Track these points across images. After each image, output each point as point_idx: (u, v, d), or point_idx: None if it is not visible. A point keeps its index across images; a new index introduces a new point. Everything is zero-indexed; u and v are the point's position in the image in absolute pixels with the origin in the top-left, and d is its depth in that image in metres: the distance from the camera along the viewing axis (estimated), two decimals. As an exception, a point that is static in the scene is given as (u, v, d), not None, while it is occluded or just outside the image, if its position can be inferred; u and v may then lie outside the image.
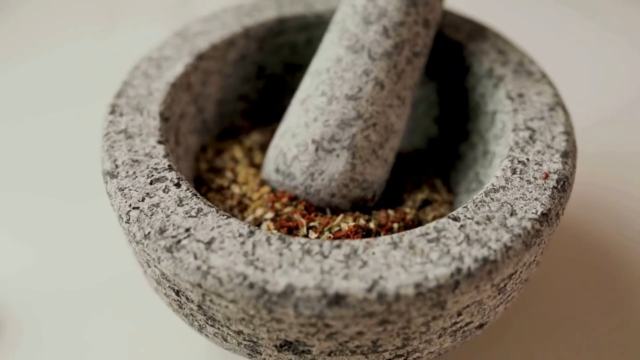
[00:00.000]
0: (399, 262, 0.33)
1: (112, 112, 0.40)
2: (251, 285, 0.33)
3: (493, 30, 0.45)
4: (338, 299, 0.32)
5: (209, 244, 0.34)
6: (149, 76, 0.42)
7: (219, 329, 0.36)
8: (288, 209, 0.40)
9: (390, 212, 0.41)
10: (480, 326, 0.38)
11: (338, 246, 0.34)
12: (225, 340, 0.37)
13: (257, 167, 0.44)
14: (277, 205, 0.40)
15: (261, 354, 0.37)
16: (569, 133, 0.39)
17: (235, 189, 0.42)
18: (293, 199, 0.41)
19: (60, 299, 0.47)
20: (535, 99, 0.41)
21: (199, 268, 0.34)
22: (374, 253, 0.34)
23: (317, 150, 0.40)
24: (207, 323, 0.37)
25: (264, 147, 0.45)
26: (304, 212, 0.40)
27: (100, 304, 0.47)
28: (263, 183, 0.42)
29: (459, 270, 0.33)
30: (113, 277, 0.48)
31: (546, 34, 0.64)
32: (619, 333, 0.45)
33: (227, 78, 0.46)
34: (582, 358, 0.44)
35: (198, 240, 0.34)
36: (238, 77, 0.47)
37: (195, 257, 0.34)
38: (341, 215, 0.40)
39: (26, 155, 0.56)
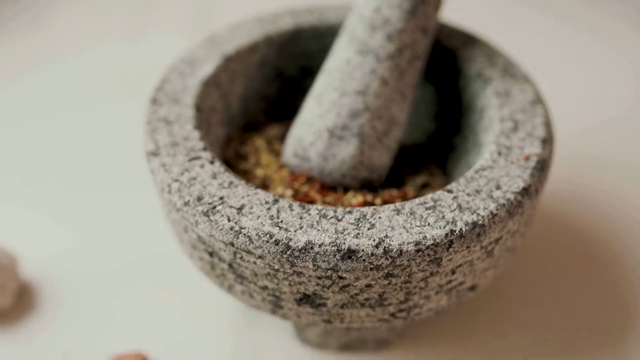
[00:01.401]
0: (401, 224, 0.39)
1: (153, 103, 0.47)
2: (277, 242, 0.39)
3: (482, 39, 0.51)
4: (350, 254, 0.38)
5: (240, 209, 0.40)
6: (184, 74, 0.49)
7: (246, 286, 0.42)
8: (305, 187, 0.46)
9: (394, 191, 0.47)
10: (472, 288, 0.44)
11: (349, 212, 0.40)
12: (252, 297, 0.43)
13: (277, 154, 0.50)
14: (296, 185, 0.46)
15: (283, 309, 0.42)
16: (547, 124, 0.45)
17: (259, 172, 0.48)
18: (309, 179, 0.47)
19: (96, 275, 0.53)
20: (519, 96, 0.47)
21: (231, 229, 0.39)
22: (380, 217, 0.40)
23: (330, 137, 0.46)
24: (236, 281, 0.42)
25: (281, 138, 0.51)
26: (319, 190, 0.46)
27: (132, 279, 0.53)
28: (282, 167, 0.48)
29: (452, 231, 0.39)
30: (143, 257, 0.54)
31: (534, 44, 0.70)
32: (596, 306, 0.51)
33: (250, 80, 0.52)
34: (563, 325, 0.50)
35: (231, 206, 0.40)
36: (260, 79, 0.53)
37: (229, 220, 0.40)
38: (351, 192, 0.46)
39: (64, 148, 0.63)
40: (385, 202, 0.45)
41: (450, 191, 0.41)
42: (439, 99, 0.53)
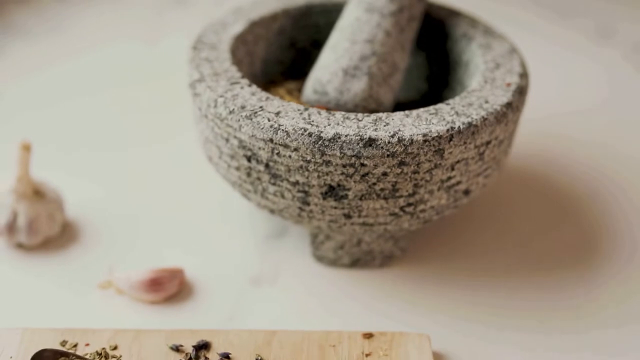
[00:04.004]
0: (410, 123, 0.48)
1: (195, 48, 0.55)
2: (310, 134, 0.47)
3: (465, 13, 0.61)
4: (371, 142, 0.47)
5: (277, 113, 0.49)
6: (217, 32, 0.57)
7: (279, 185, 0.50)
8: (324, 116, 0.55)
9: (398, 119, 0.56)
10: (467, 192, 0.52)
11: (368, 115, 0.49)
12: (283, 196, 0.50)
13: (296, 98, 0.58)
14: (316, 114, 0.55)
15: (309, 205, 0.50)
16: (523, 65, 0.55)
17: (283, 108, 0.56)
18: (327, 110, 0.55)
19: (131, 214, 0.61)
20: (498, 47, 0.57)
21: (271, 126, 0.48)
22: (393, 119, 0.48)
23: (344, 75, 0.55)
24: (270, 182, 0.50)
25: (298, 90, 0.60)
26: (336, 117, 0.54)
27: (165, 215, 0.61)
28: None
29: (452, 128, 0.48)
30: (174, 197, 0.63)
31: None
32: (564, 232, 0.60)
33: (270, 45, 0.61)
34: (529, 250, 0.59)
35: (269, 112, 0.49)
36: (277, 46, 0.62)
37: (268, 120, 0.48)
38: (363, 118, 0.55)
39: (99, 122, 0.72)
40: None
41: (448, 104, 0.50)
42: (430, 62, 0.62)
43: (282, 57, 0.63)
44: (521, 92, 0.53)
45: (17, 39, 0.83)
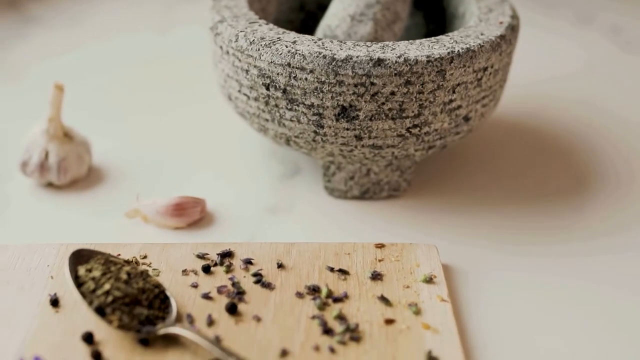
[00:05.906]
0: (414, 48, 0.53)
1: (214, -1, 0.61)
2: (324, 57, 0.52)
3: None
4: (380, 62, 0.51)
5: (294, 42, 0.53)
6: (235, -11, 0.63)
7: (295, 110, 0.54)
8: (334, 56, 0.60)
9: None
10: (466, 118, 0.56)
11: (375, 43, 0.53)
12: (299, 121, 0.55)
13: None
14: (326, 55, 0.60)
15: (323, 127, 0.54)
16: (513, 9, 0.60)
17: (295, 52, 0.61)
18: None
19: (153, 159, 0.65)
20: (491, -1, 0.63)
21: (289, 51, 0.52)
22: (398, 45, 0.53)
23: (352, 20, 0.60)
24: (287, 108, 0.55)
25: (309, 43, 0.65)
26: (345, 56, 0.59)
27: (188, 158, 0.66)
28: (314, 50, 0.62)
29: (452, 51, 0.53)
30: (195, 141, 0.68)
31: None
32: (550, 175, 0.65)
33: (281, 5, 0.67)
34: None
35: (286, 41, 0.53)
36: (287, 7, 0.68)
37: (286, 47, 0.53)
38: (370, 56, 0.60)
39: (117, 96, 0.77)
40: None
41: (447, 35, 0.55)
42: (427, 21, 0.68)
43: (292, 17, 0.68)
44: (513, 29, 0.58)
45: (38, 29, 0.88)
